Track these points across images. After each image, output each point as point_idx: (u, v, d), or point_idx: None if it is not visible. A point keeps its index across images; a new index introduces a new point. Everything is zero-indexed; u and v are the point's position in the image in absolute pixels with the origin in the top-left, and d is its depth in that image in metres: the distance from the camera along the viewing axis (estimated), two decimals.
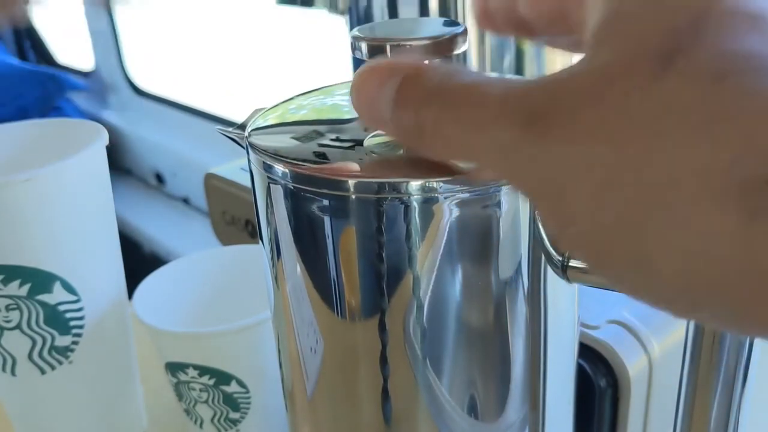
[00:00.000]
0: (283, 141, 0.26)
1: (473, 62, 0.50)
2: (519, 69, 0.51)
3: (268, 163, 0.24)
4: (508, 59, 0.51)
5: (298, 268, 0.26)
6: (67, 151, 0.37)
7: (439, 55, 0.23)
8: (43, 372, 0.38)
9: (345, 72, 0.59)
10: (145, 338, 0.39)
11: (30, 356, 0.37)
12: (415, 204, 0.22)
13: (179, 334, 0.38)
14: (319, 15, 0.58)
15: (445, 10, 0.49)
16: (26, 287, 0.35)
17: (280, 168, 0.24)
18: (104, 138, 0.39)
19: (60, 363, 0.39)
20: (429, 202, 0.22)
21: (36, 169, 0.35)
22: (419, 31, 0.24)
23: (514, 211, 0.24)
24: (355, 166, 0.24)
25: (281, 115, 0.28)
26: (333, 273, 0.25)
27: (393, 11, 0.51)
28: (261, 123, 0.28)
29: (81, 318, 0.38)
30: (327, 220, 0.24)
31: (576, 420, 0.36)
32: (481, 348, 0.26)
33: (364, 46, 0.24)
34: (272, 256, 0.27)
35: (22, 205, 0.35)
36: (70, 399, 0.41)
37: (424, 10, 0.50)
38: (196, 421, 0.41)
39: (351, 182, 0.23)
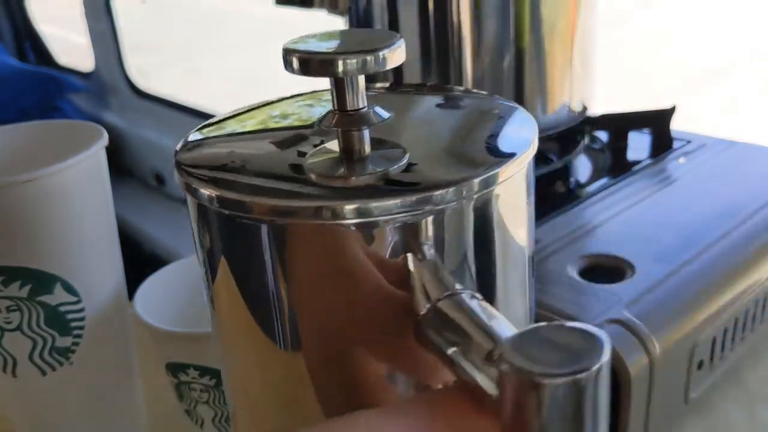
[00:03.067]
0: (215, 158, 0.25)
1: (462, 63, 0.50)
2: (519, 69, 0.51)
3: (190, 184, 0.23)
4: (508, 59, 0.51)
5: (227, 293, 0.25)
6: (67, 153, 0.37)
7: (374, 69, 0.22)
8: (43, 373, 0.38)
9: None
10: (146, 338, 0.39)
11: (31, 357, 0.37)
12: (349, 227, 0.21)
13: (180, 335, 0.38)
14: (318, 15, 0.57)
15: (442, 10, 0.49)
16: (27, 288, 0.35)
17: (203, 191, 0.23)
18: (104, 139, 0.39)
19: (60, 364, 0.39)
20: (367, 226, 0.21)
21: (36, 170, 0.35)
22: (353, 45, 0.23)
23: (456, 229, 0.23)
24: (284, 188, 0.22)
25: (221, 128, 0.27)
26: (263, 300, 0.23)
27: (393, 11, 0.51)
28: (197, 137, 0.27)
29: (81, 319, 0.38)
30: (253, 245, 0.23)
31: None
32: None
33: (295, 60, 0.23)
34: (206, 276, 0.26)
35: (22, 206, 0.35)
36: (70, 400, 0.41)
37: (423, 11, 0.50)
38: (197, 422, 0.41)
39: (269, 206, 0.21)
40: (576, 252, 0.43)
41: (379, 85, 0.31)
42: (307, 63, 0.23)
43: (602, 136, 0.60)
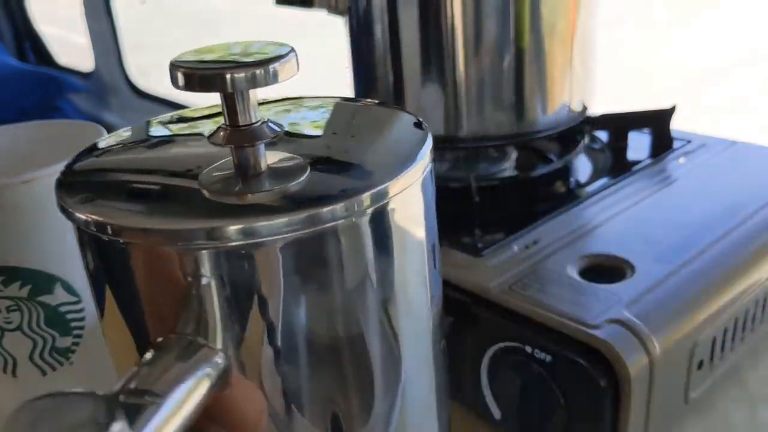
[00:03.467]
0: (98, 179, 0.24)
1: (462, 63, 0.50)
2: (519, 69, 0.51)
3: (66, 208, 0.22)
4: (508, 59, 0.51)
5: (106, 314, 0.24)
6: (67, 153, 0.37)
7: (264, 83, 0.22)
8: (44, 373, 0.38)
9: (345, 73, 0.59)
10: None
11: (31, 357, 0.37)
12: (232, 250, 0.20)
13: None
14: (318, 15, 0.57)
15: (442, 10, 0.49)
16: (27, 288, 0.35)
17: (79, 215, 0.22)
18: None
19: (61, 364, 0.38)
20: (252, 247, 0.20)
21: (36, 171, 0.35)
22: (243, 58, 0.22)
23: (351, 245, 0.22)
24: (165, 210, 0.21)
25: (112, 148, 0.27)
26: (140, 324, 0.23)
27: (393, 11, 0.51)
28: (86, 158, 0.26)
29: (82, 319, 0.38)
30: (123, 266, 0.22)
31: (576, 419, 0.36)
32: (338, 384, 0.24)
33: (180, 75, 0.22)
34: (93, 295, 0.25)
35: (22, 206, 0.35)
36: None
37: (423, 11, 0.50)
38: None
39: (136, 229, 0.20)
40: (576, 252, 0.43)
41: (279, 97, 0.30)
42: (194, 78, 0.22)
43: (602, 136, 0.60)
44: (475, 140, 0.53)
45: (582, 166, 0.57)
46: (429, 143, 0.25)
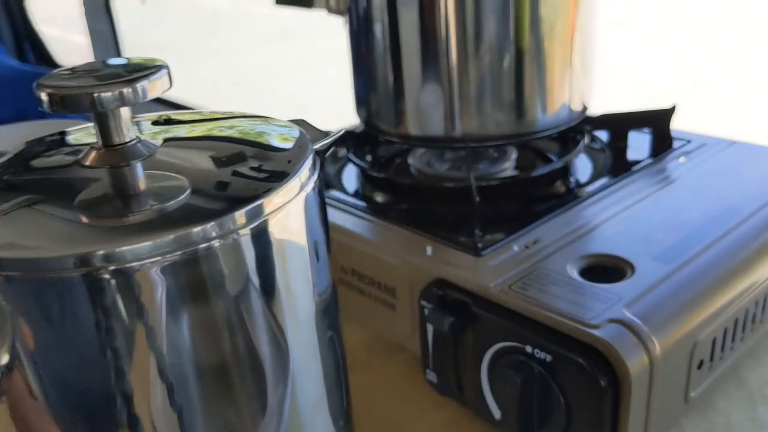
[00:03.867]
0: None
1: (461, 63, 0.50)
2: (519, 69, 0.51)
3: None
4: (508, 59, 0.51)
5: None
6: None
7: (134, 101, 0.21)
8: None
9: (344, 72, 0.59)
10: None
11: None
12: (108, 276, 0.20)
13: None
14: (318, 16, 0.57)
15: (442, 10, 0.49)
16: None
17: None
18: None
19: None
20: (129, 272, 0.20)
21: None
22: (112, 77, 0.22)
23: (231, 262, 0.22)
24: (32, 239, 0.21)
25: None
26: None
27: (392, 11, 0.51)
28: None
29: None
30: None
31: (577, 419, 0.36)
32: (230, 401, 0.24)
33: (44, 95, 0.21)
34: None
35: None
36: None
37: (423, 11, 0.50)
38: None
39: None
40: (576, 252, 0.43)
41: (156, 114, 0.30)
42: (61, 100, 0.21)
43: (602, 135, 0.60)
44: (475, 140, 0.53)
45: (582, 166, 0.57)
46: (309, 159, 0.25)
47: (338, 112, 0.73)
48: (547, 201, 0.51)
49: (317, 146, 0.27)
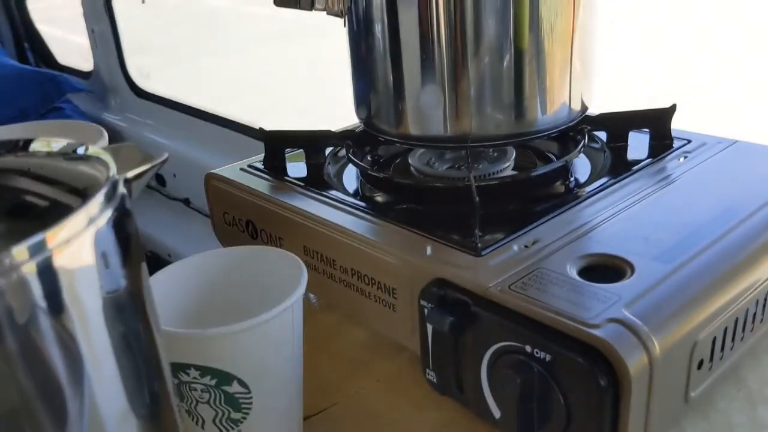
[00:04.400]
0: None
1: (461, 63, 0.50)
2: (519, 69, 0.51)
3: None
4: (508, 59, 0.51)
5: None
6: None
7: None
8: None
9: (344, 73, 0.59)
10: None
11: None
12: None
13: (180, 335, 0.38)
14: (318, 16, 0.57)
15: (442, 10, 0.49)
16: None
17: None
18: (105, 139, 0.39)
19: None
20: None
21: None
22: None
23: (18, 301, 0.20)
24: None
25: None
26: None
27: (392, 11, 0.51)
28: None
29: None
30: None
31: (577, 419, 0.36)
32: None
33: None
34: None
35: None
36: None
37: (422, 11, 0.50)
38: (197, 422, 0.41)
39: None
40: (576, 252, 0.43)
41: None
42: None
43: (602, 135, 0.60)
44: (475, 140, 0.53)
45: (582, 166, 0.57)
46: (102, 192, 0.23)
47: (338, 112, 0.73)
48: (547, 201, 0.51)
49: (132, 174, 0.26)
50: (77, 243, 0.22)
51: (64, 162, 0.27)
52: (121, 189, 0.25)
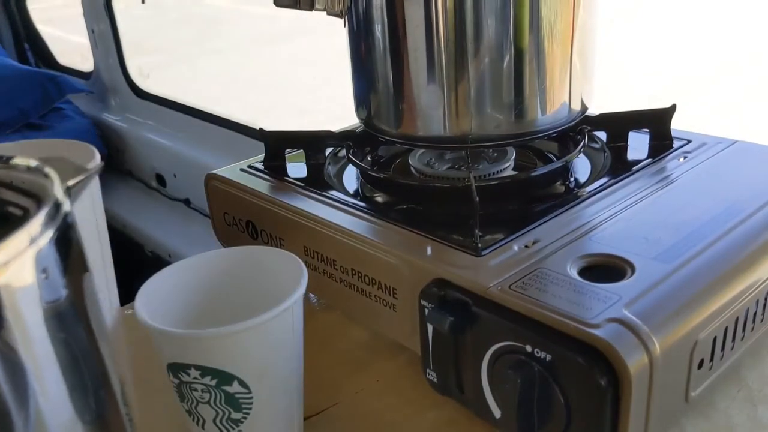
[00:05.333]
0: None
1: (461, 63, 0.50)
2: (518, 69, 0.51)
3: None
4: (508, 59, 0.51)
5: None
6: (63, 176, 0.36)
7: None
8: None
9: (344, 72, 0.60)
10: (146, 339, 0.39)
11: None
12: None
13: (181, 336, 0.38)
14: (318, 16, 0.57)
15: (442, 10, 0.49)
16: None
17: None
18: (96, 160, 0.39)
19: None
20: None
21: None
22: None
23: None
24: None
25: None
26: None
27: (392, 11, 0.51)
28: None
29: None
30: None
31: (577, 419, 0.36)
32: None
33: None
34: None
35: None
36: None
37: (422, 11, 0.50)
38: (198, 422, 0.41)
39: None
40: (576, 252, 0.43)
41: None
42: None
43: (602, 135, 0.60)
44: (475, 140, 0.53)
45: (581, 166, 0.57)
46: (43, 212, 0.22)
47: (338, 112, 0.73)
48: (547, 201, 0.51)
49: (71, 182, 0.24)
50: (18, 263, 0.21)
51: (14, 172, 0.25)
52: (65, 205, 0.23)
